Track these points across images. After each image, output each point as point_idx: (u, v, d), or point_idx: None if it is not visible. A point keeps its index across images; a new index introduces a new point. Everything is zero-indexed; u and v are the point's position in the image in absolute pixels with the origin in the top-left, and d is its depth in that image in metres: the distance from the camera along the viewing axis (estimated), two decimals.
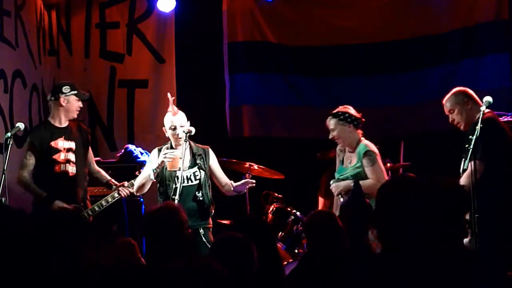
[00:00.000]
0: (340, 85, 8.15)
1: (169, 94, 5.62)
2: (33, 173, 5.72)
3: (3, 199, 5.31)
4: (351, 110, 5.58)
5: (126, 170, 6.80)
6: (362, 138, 5.54)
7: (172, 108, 5.50)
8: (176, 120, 5.48)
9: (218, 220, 6.76)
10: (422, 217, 2.35)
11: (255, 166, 6.72)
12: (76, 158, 5.79)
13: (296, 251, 6.18)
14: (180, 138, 5.41)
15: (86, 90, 8.12)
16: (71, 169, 5.76)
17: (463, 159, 4.87)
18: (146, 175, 5.51)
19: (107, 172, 6.16)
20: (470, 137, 4.70)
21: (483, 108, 4.84)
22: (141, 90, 8.16)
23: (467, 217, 4.21)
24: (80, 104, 5.87)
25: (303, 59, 8.20)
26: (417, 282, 2.30)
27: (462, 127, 5.15)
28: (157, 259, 3.49)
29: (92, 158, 6.08)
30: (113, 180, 5.95)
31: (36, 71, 7.28)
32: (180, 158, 5.32)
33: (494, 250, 4.66)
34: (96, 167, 6.11)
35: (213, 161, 5.63)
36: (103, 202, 5.76)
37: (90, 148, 6.06)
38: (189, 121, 5.53)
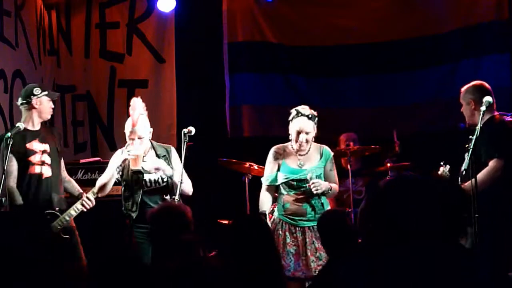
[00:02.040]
0: (340, 85, 8.16)
1: (133, 100, 5.36)
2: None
3: (3, 199, 5.29)
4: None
5: None
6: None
7: (132, 117, 5.26)
8: (135, 131, 5.25)
9: (218, 220, 6.76)
10: (423, 214, 2.36)
11: (255, 166, 6.72)
12: (51, 160, 5.55)
13: None
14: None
15: (86, 90, 8.22)
16: (46, 171, 5.51)
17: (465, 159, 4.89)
18: (108, 175, 5.32)
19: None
20: (470, 137, 4.71)
21: (483, 108, 4.85)
22: (141, 90, 8.15)
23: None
24: (51, 104, 5.62)
25: (303, 59, 8.19)
26: (418, 281, 2.30)
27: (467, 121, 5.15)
28: (160, 259, 3.50)
29: (63, 165, 5.76)
30: (84, 194, 5.57)
31: (36, 71, 7.29)
32: (143, 156, 5.20)
33: (494, 250, 4.67)
34: (67, 176, 5.79)
35: (175, 161, 5.36)
36: (66, 217, 5.40)
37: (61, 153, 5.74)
38: (152, 128, 5.33)
